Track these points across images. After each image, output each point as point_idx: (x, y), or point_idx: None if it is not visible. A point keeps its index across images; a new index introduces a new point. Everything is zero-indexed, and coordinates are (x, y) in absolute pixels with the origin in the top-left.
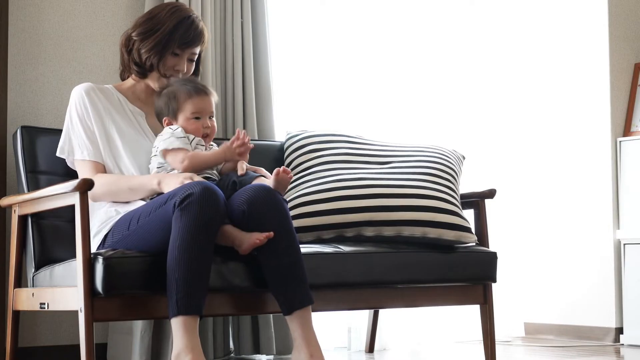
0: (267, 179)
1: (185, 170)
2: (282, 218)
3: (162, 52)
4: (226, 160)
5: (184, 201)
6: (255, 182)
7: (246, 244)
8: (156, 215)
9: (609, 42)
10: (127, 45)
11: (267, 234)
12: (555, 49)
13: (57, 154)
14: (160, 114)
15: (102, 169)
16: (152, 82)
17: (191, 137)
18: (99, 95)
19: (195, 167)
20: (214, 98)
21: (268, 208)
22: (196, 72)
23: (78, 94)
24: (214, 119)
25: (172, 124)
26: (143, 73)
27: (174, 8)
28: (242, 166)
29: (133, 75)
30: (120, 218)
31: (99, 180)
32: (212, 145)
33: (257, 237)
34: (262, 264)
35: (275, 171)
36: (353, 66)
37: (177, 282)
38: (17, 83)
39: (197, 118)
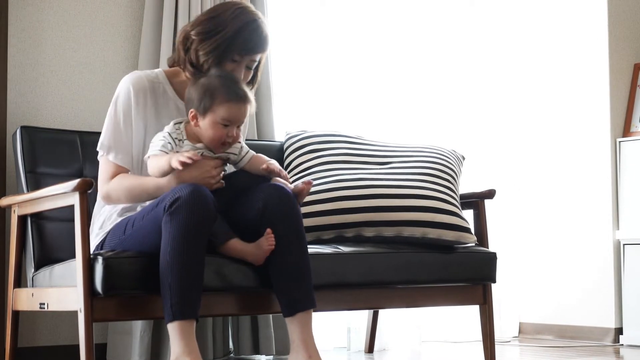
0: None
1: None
2: (295, 220)
3: (220, 57)
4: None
5: (172, 205)
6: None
7: (261, 256)
8: (149, 218)
9: (608, 43)
10: (185, 43)
11: (269, 235)
12: (555, 49)
13: (98, 148)
14: (189, 103)
15: (125, 172)
16: None
17: (184, 145)
18: (146, 92)
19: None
20: (252, 106)
21: (282, 209)
22: (253, 80)
23: (126, 89)
24: (241, 127)
25: (197, 119)
26: (198, 74)
27: (239, 9)
28: (266, 166)
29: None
30: (117, 223)
31: (117, 183)
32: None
33: (269, 244)
34: (270, 263)
35: (299, 187)
36: (353, 66)
37: (170, 288)
38: (17, 83)
39: (225, 125)
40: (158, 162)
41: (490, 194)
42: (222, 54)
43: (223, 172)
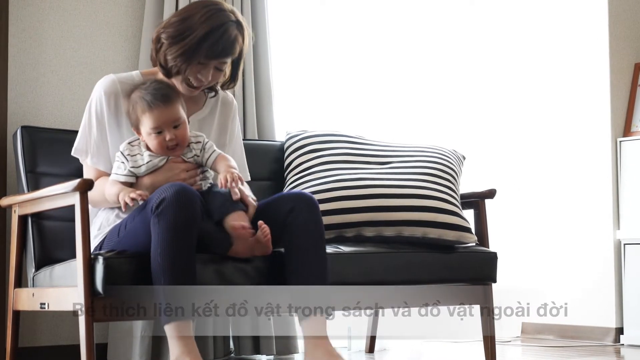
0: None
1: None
2: (317, 229)
3: (188, 61)
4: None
5: (158, 206)
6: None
7: (265, 247)
8: (139, 219)
9: (609, 42)
10: (156, 44)
11: (262, 226)
12: (556, 49)
13: (72, 154)
14: (129, 121)
15: (105, 176)
16: (177, 84)
17: (144, 157)
18: (118, 96)
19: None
20: (179, 104)
21: (305, 216)
22: (234, 79)
23: (98, 94)
24: (182, 125)
25: (140, 134)
26: (168, 75)
27: (209, 12)
28: (236, 191)
29: None
30: (114, 225)
31: (95, 187)
32: (193, 152)
33: (264, 235)
34: (286, 263)
35: (235, 233)
36: (353, 66)
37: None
38: (17, 83)
39: (159, 132)
40: (111, 191)
41: (490, 193)
42: (188, 59)
43: (203, 177)
